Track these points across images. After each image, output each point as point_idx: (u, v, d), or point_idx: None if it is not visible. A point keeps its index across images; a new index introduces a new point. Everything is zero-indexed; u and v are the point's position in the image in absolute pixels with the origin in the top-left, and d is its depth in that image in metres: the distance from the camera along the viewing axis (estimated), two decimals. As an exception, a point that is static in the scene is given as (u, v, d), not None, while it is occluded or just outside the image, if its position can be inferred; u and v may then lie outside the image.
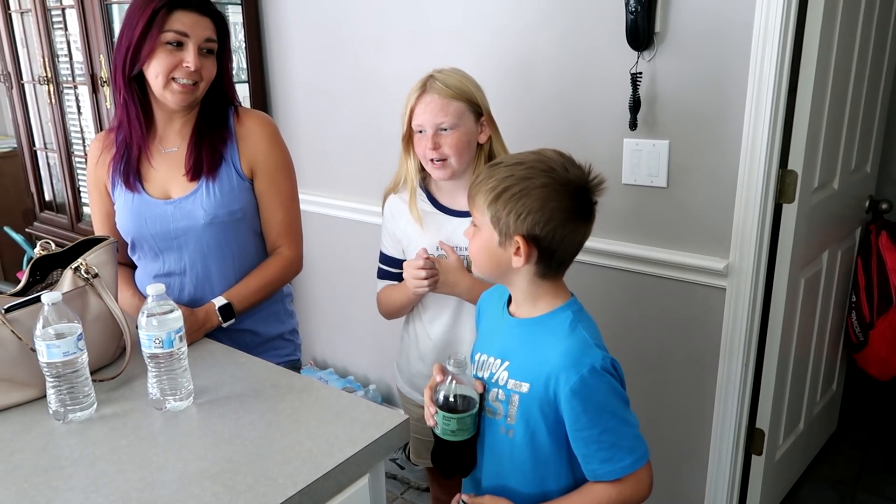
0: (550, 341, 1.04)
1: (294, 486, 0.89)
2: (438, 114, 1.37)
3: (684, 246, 1.76)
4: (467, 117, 1.40)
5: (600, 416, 1.00)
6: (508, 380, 1.06)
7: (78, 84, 2.76)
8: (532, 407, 1.03)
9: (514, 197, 0.99)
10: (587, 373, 0.98)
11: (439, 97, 1.37)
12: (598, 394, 1.00)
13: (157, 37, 1.31)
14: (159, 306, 1.07)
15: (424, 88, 1.39)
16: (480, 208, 1.03)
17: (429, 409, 1.09)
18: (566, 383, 0.99)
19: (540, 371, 1.02)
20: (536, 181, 1.00)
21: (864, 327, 2.24)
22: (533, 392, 1.03)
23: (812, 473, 2.31)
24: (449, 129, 1.37)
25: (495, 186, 1.01)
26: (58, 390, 1.05)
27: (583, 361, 0.99)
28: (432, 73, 1.41)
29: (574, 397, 0.99)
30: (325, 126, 2.46)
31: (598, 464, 1.01)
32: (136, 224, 1.43)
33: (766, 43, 1.53)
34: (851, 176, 2.08)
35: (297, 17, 2.41)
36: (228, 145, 1.44)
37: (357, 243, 2.48)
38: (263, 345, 1.55)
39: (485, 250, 1.05)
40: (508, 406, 1.06)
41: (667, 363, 1.86)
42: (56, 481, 0.92)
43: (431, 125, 1.37)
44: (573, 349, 1.01)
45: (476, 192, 1.04)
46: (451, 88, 1.38)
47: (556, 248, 1.02)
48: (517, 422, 1.05)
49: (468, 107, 1.40)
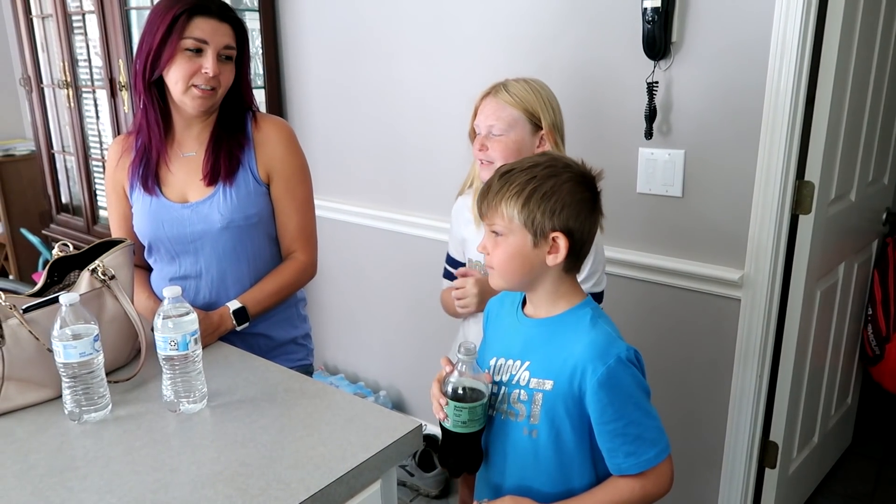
0: (573, 336, 1.05)
1: (307, 491, 0.89)
2: (491, 117, 1.39)
3: (699, 256, 1.75)
4: (522, 127, 1.40)
5: (625, 408, 1.01)
6: (531, 379, 1.07)
7: (96, 88, 2.79)
8: (556, 404, 1.04)
9: (546, 195, 1.01)
10: (614, 363, 1.00)
11: (498, 102, 1.40)
12: (624, 385, 1.01)
13: (177, 43, 1.32)
14: (175, 308, 1.08)
15: (490, 92, 1.42)
16: (507, 215, 1.03)
17: (438, 401, 1.08)
18: (593, 374, 1.00)
19: (564, 366, 1.03)
20: (562, 177, 1.03)
21: (880, 341, 2.22)
22: (557, 389, 1.04)
23: (826, 488, 2.28)
24: (498, 135, 1.39)
25: (521, 190, 1.02)
26: (73, 391, 1.05)
27: (609, 352, 1.01)
28: (505, 79, 1.43)
29: (601, 388, 1.00)
30: (340, 132, 2.47)
31: (622, 457, 1.02)
32: (153, 227, 1.45)
33: (783, 53, 1.53)
34: (868, 188, 2.07)
35: (314, 24, 2.43)
36: (246, 150, 1.45)
37: (371, 250, 2.49)
38: (276, 349, 1.55)
39: (517, 256, 1.05)
40: (531, 406, 1.06)
41: (681, 374, 1.85)
42: (71, 482, 0.92)
43: (484, 127, 1.41)
44: (598, 341, 1.02)
45: (499, 200, 1.04)
46: (512, 96, 1.40)
47: (585, 238, 1.05)
48: (541, 421, 1.06)
49: (525, 116, 1.40)
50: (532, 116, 1.40)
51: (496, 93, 1.41)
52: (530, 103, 1.40)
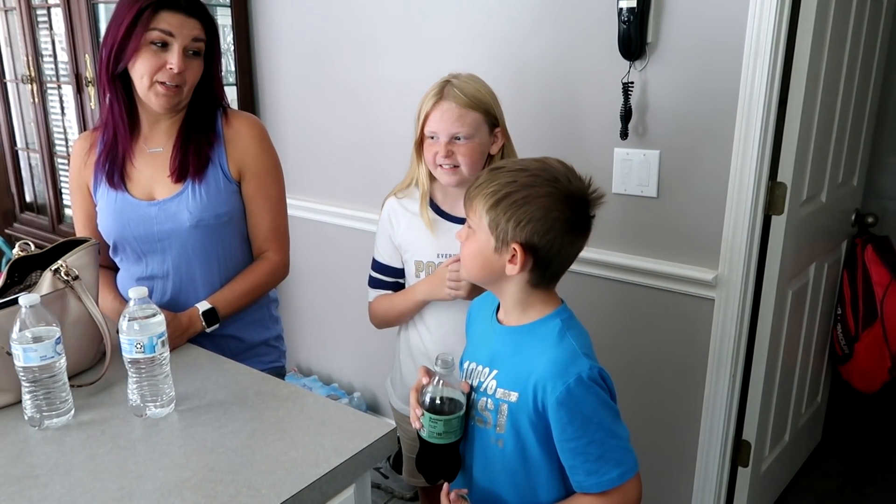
0: (538, 349, 1.02)
1: (278, 497, 0.87)
2: (455, 123, 1.34)
3: (674, 256, 1.76)
4: (482, 128, 1.37)
5: (586, 428, 0.98)
6: (497, 389, 1.04)
7: (62, 84, 2.72)
8: (521, 417, 1.02)
9: (516, 203, 0.98)
10: (573, 383, 0.96)
11: (457, 106, 1.34)
12: (585, 405, 0.98)
13: (142, 35, 1.28)
14: (141, 310, 1.05)
15: (441, 95, 1.36)
16: (478, 211, 1.01)
17: (414, 411, 1.06)
18: (552, 393, 0.97)
19: (528, 380, 1.00)
20: (540, 189, 0.98)
21: (849, 340, 2.25)
22: (521, 402, 1.01)
23: (797, 486, 2.32)
24: (464, 140, 1.35)
25: (497, 191, 0.99)
26: (34, 396, 1.02)
27: (569, 371, 0.97)
28: (449, 79, 1.38)
29: (560, 408, 0.97)
30: (313, 130, 2.44)
31: (584, 476, 0.99)
32: (118, 226, 1.40)
33: (757, 55, 1.54)
34: (839, 189, 2.10)
35: (287, 21, 2.39)
36: (216, 148, 1.41)
37: (343, 249, 2.46)
38: (248, 351, 1.52)
39: (479, 255, 1.03)
40: (497, 416, 1.04)
41: (655, 374, 1.85)
42: (30, 490, 0.89)
43: (446, 133, 1.35)
44: (560, 358, 0.99)
45: (476, 194, 1.02)
46: (468, 97, 1.35)
47: (552, 258, 1.01)
48: (507, 431, 1.04)
49: (484, 118, 1.37)
50: (489, 115, 1.38)
51: (450, 96, 1.34)
52: (486, 102, 1.37)
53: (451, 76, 1.39)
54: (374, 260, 1.53)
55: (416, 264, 1.45)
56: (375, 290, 1.53)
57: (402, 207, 1.47)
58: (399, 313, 1.48)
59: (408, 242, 1.46)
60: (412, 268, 1.46)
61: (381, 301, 1.51)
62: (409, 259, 1.46)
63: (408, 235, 1.45)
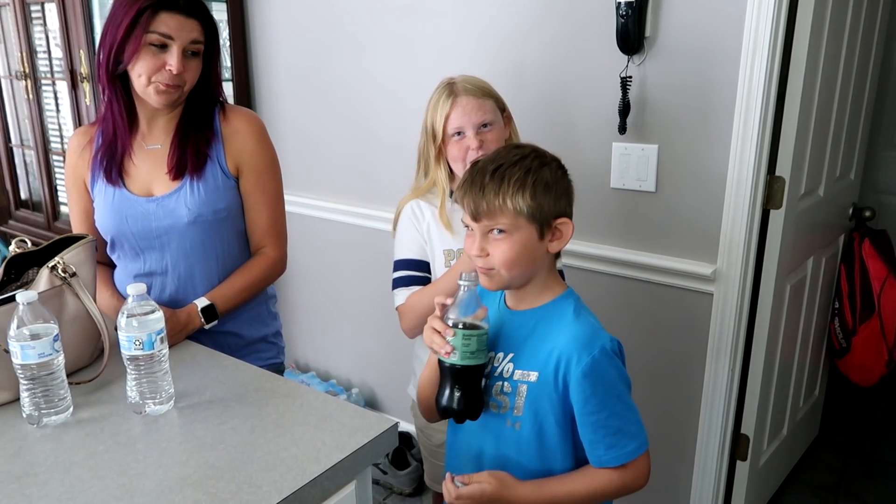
0: (558, 327, 1.05)
1: (279, 494, 0.86)
2: (478, 113, 1.37)
3: (672, 251, 1.76)
4: (498, 114, 1.43)
5: (608, 399, 1.01)
6: (514, 371, 1.06)
7: (56, 80, 2.70)
8: (540, 396, 1.04)
9: (549, 185, 1.03)
10: (598, 354, 1.00)
11: (474, 98, 1.38)
12: (608, 376, 1.01)
13: (142, 37, 1.27)
14: (140, 307, 1.04)
15: (454, 93, 1.39)
16: (510, 212, 1.01)
17: (444, 335, 1.02)
18: (578, 365, 1.00)
19: (549, 358, 1.03)
20: (552, 165, 1.06)
21: (846, 334, 2.26)
22: (541, 381, 1.04)
23: (794, 479, 2.32)
24: (489, 126, 1.38)
25: (524, 184, 1.02)
26: (32, 393, 1.01)
27: (594, 343, 1.01)
28: (452, 80, 1.41)
29: (585, 379, 1.00)
30: (310, 127, 2.43)
31: (603, 450, 1.02)
32: (116, 222, 1.40)
33: (755, 50, 1.54)
34: (836, 183, 2.10)
35: (283, 16, 2.38)
36: (213, 144, 1.41)
37: (342, 246, 2.46)
38: (246, 347, 1.51)
39: (524, 251, 1.03)
40: (515, 398, 1.06)
41: (654, 368, 1.85)
42: (29, 488, 0.88)
43: (472, 125, 1.37)
44: (583, 332, 1.03)
45: (503, 198, 1.01)
46: (478, 88, 1.40)
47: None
48: (524, 413, 1.05)
49: (496, 103, 1.42)
50: (498, 101, 1.43)
51: (462, 91, 1.39)
52: (492, 90, 1.44)
53: (449, 78, 1.42)
54: (399, 260, 1.47)
55: (447, 253, 1.43)
56: (406, 290, 1.44)
57: (425, 202, 1.46)
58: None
59: (434, 235, 1.44)
60: (441, 258, 1.43)
61: (418, 296, 1.40)
62: (436, 250, 1.44)
63: (433, 228, 1.44)
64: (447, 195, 1.44)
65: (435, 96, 1.42)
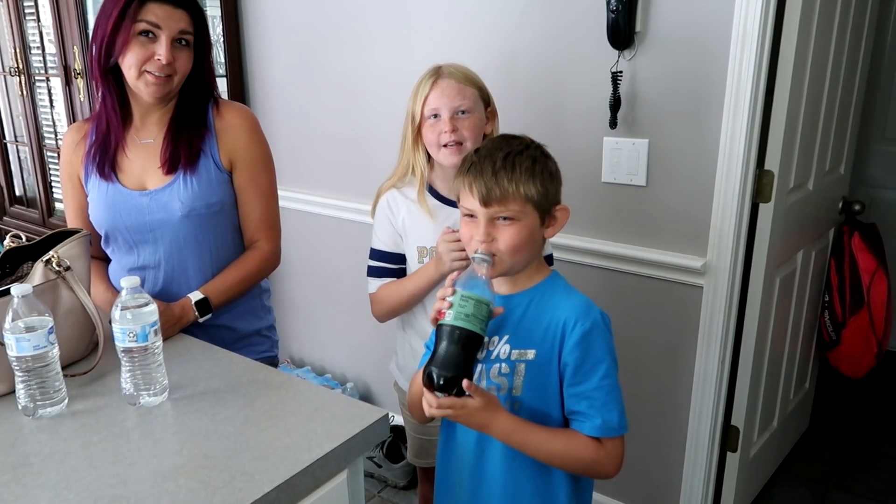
0: (551, 303, 1.08)
1: (271, 482, 0.88)
2: (456, 97, 1.37)
3: (662, 244, 1.77)
4: (479, 104, 1.42)
5: (595, 371, 1.03)
6: (512, 351, 1.08)
7: (50, 76, 2.70)
8: (539, 372, 1.06)
9: (553, 174, 1.09)
10: (592, 325, 1.04)
11: (455, 82, 1.39)
12: (601, 345, 1.04)
13: (130, 28, 1.29)
14: (134, 299, 1.05)
15: (438, 75, 1.40)
16: (524, 198, 1.04)
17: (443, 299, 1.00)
18: (580, 327, 1.03)
19: (546, 331, 1.06)
20: (549, 156, 1.10)
21: (836, 326, 2.28)
22: (540, 357, 1.06)
23: (785, 471, 2.34)
24: (466, 113, 1.38)
25: (533, 172, 1.05)
26: (27, 385, 1.02)
27: (593, 310, 1.06)
28: (439, 65, 1.42)
29: (581, 342, 1.03)
30: (303, 121, 2.44)
31: (585, 419, 1.04)
32: (110, 216, 1.41)
33: (744, 44, 1.55)
34: (826, 177, 2.11)
35: (276, 10, 2.38)
36: (207, 139, 1.41)
37: (334, 240, 2.46)
38: (240, 341, 1.52)
39: (530, 237, 1.07)
40: (514, 378, 1.07)
41: (644, 361, 1.87)
42: (25, 478, 0.89)
43: (449, 108, 1.37)
44: (580, 303, 1.07)
45: (515, 185, 1.03)
46: (463, 74, 1.41)
47: None
48: (523, 392, 1.07)
49: (479, 94, 1.42)
50: (482, 92, 1.44)
51: (446, 74, 1.40)
52: (478, 80, 1.44)
53: (436, 65, 1.43)
54: (374, 249, 1.50)
55: (419, 250, 1.44)
56: (378, 280, 1.49)
57: (401, 195, 1.47)
58: (409, 296, 1.43)
59: (408, 229, 1.45)
60: (414, 254, 1.45)
61: (388, 288, 1.46)
62: (410, 245, 1.45)
63: (408, 222, 1.45)
64: (425, 180, 1.45)
65: (420, 79, 1.42)
